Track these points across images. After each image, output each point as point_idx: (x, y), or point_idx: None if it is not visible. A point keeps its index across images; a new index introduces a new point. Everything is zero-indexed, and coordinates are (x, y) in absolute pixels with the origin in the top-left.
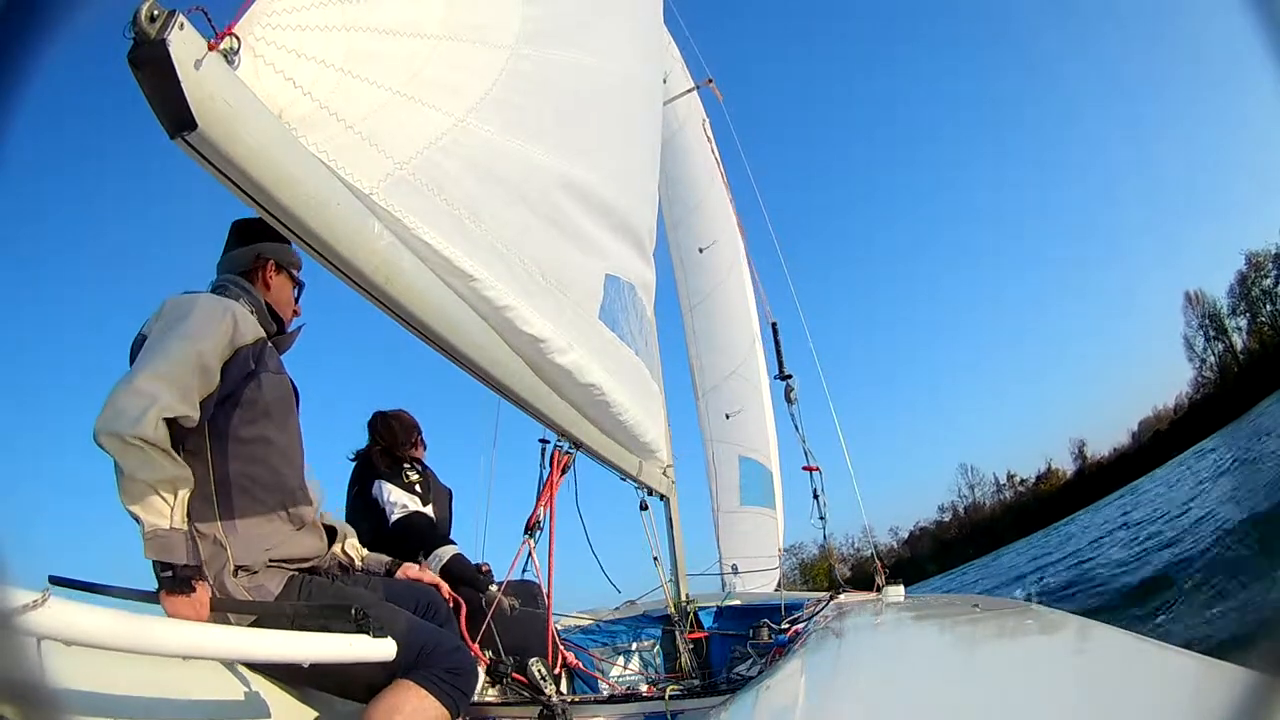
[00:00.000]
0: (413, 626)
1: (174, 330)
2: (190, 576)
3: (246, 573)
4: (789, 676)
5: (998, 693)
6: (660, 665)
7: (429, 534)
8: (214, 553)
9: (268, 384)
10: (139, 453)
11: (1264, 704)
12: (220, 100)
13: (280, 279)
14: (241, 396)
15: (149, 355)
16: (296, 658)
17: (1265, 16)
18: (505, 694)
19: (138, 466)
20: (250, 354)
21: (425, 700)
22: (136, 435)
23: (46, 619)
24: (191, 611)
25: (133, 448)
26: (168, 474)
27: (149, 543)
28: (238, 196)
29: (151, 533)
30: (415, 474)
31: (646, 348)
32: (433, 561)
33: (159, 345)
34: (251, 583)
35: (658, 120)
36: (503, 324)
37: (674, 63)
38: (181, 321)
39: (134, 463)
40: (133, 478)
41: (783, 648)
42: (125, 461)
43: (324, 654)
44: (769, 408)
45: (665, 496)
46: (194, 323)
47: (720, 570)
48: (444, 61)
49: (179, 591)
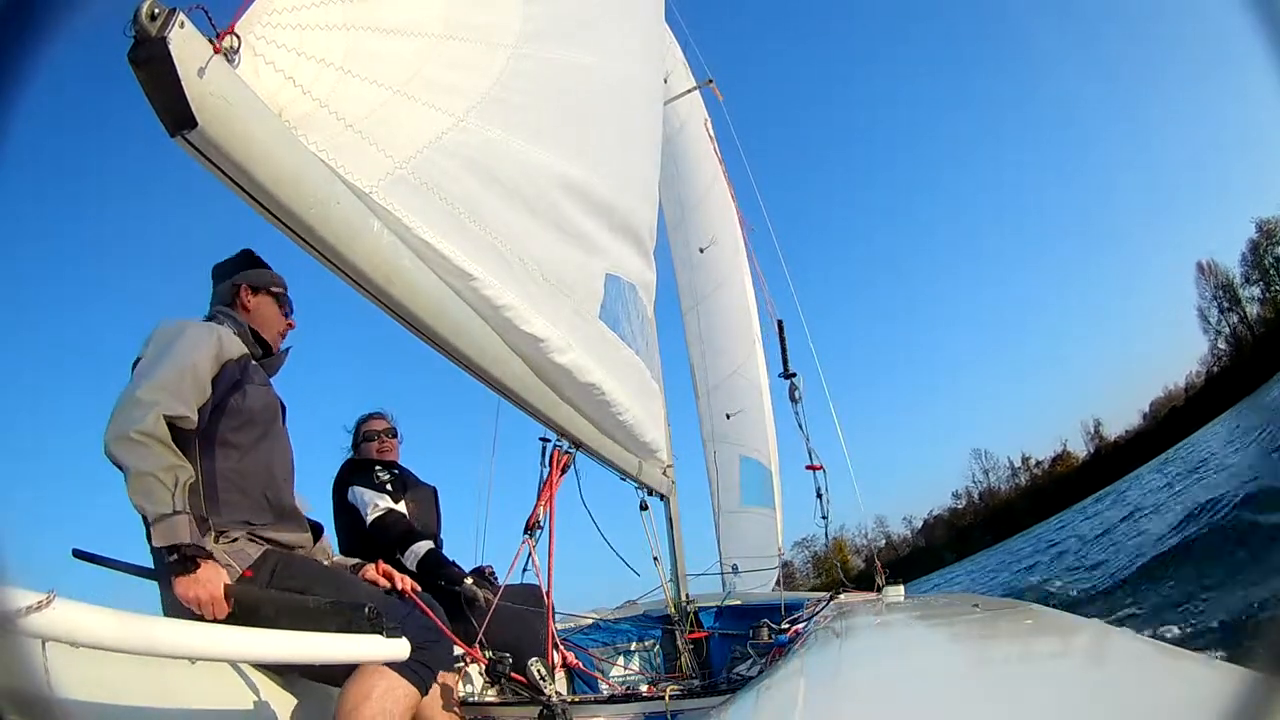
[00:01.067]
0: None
1: (168, 349)
2: (195, 555)
3: (225, 539)
4: (789, 676)
5: (998, 693)
6: (660, 665)
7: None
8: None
9: (252, 394)
10: (142, 447)
11: (1264, 704)
12: (220, 99)
13: (259, 299)
14: (228, 405)
15: (147, 371)
16: (309, 659)
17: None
18: (505, 694)
19: (141, 459)
20: (236, 368)
21: (393, 680)
22: (140, 430)
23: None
24: (202, 591)
25: (137, 443)
26: (168, 462)
27: (155, 529)
28: (238, 195)
29: (156, 518)
30: (386, 474)
31: (647, 347)
32: (408, 558)
33: (156, 361)
34: (231, 548)
35: (658, 120)
36: (502, 323)
37: (675, 63)
38: (174, 341)
39: (138, 457)
40: (137, 471)
41: (783, 648)
42: (130, 458)
43: (337, 655)
44: (769, 407)
45: (665, 496)
46: (185, 341)
47: (720, 570)
48: (444, 61)
49: (186, 571)
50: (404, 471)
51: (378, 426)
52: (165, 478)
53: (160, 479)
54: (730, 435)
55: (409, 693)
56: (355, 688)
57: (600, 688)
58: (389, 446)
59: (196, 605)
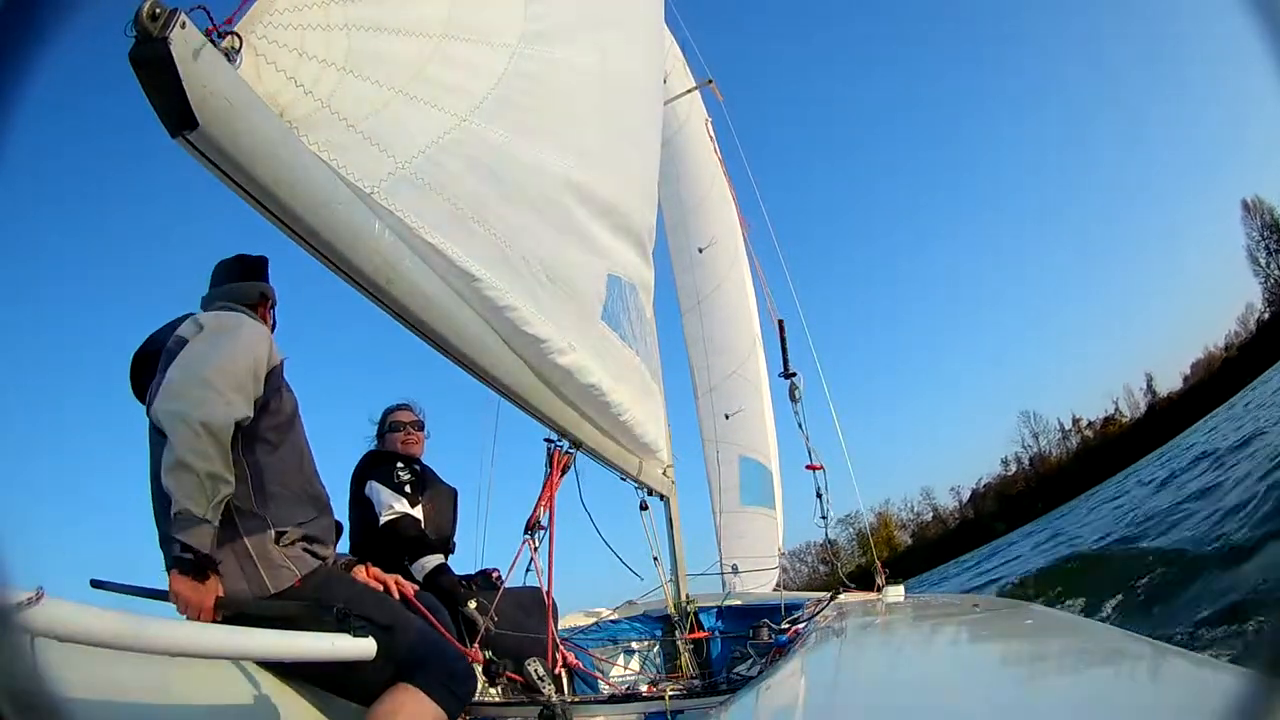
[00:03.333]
0: (423, 630)
1: (230, 338)
2: (208, 567)
3: (286, 541)
4: (789, 676)
5: (997, 692)
6: (660, 665)
7: (414, 540)
8: (254, 524)
9: (286, 399)
10: (202, 441)
11: (1264, 704)
12: (221, 99)
13: (270, 314)
14: (270, 406)
15: (213, 353)
16: (279, 655)
17: (1265, 17)
18: (506, 694)
19: (194, 453)
20: (280, 370)
21: (424, 704)
22: (206, 423)
23: (41, 617)
24: (196, 596)
25: (198, 435)
26: (218, 471)
27: (178, 519)
28: (239, 195)
29: (185, 514)
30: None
31: (647, 348)
32: (416, 569)
33: (220, 348)
34: (290, 553)
35: (659, 120)
36: (504, 324)
37: (674, 63)
38: (235, 332)
39: (191, 448)
40: (184, 462)
41: (783, 648)
42: (186, 443)
43: (306, 653)
44: (769, 407)
45: (665, 496)
46: (247, 336)
47: (720, 570)
48: (447, 61)
49: (191, 575)
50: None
51: (404, 418)
52: (209, 485)
53: (204, 483)
54: (729, 435)
55: (438, 717)
56: (384, 705)
57: (600, 688)
58: (414, 439)
59: (186, 608)
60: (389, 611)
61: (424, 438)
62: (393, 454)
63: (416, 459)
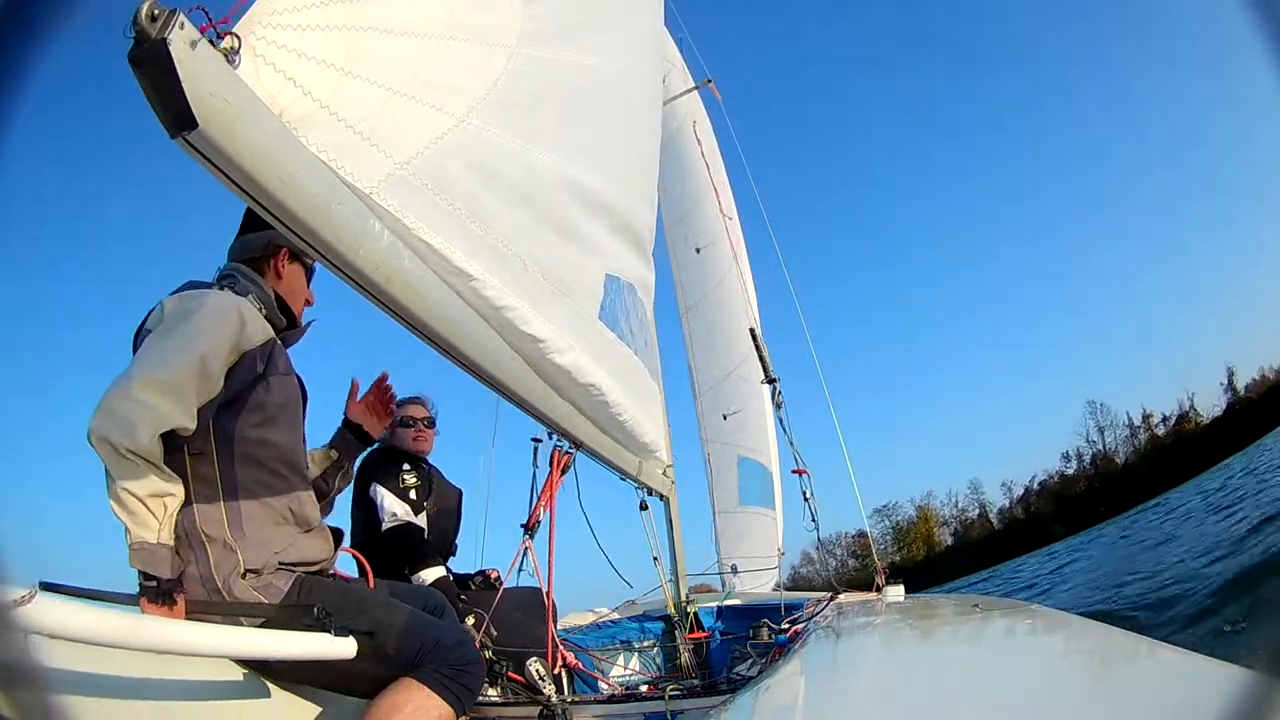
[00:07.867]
0: (415, 623)
1: (177, 330)
2: (172, 589)
3: (255, 575)
4: (789, 676)
5: (997, 693)
6: (660, 665)
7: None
8: (224, 557)
9: (276, 386)
10: (131, 465)
11: (1264, 704)
12: (221, 99)
13: (293, 268)
14: (248, 400)
15: (148, 356)
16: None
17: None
18: (505, 694)
19: (129, 478)
20: (258, 356)
21: (429, 698)
22: (130, 448)
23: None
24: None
25: (125, 460)
26: (158, 488)
27: (135, 553)
28: (238, 196)
29: (139, 545)
30: (413, 477)
31: (646, 348)
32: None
33: (159, 346)
34: (260, 583)
35: (658, 120)
36: (503, 324)
37: (674, 62)
38: (185, 320)
39: (125, 474)
40: (124, 488)
41: (783, 648)
42: (117, 471)
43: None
44: (768, 408)
45: (665, 496)
46: (198, 324)
47: (719, 570)
48: (445, 61)
49: (159, 602)
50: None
51: (416, 414)
52: (154, 505)
53: (147, 504)
54: (728, 435)
55: (444, 713)
56: (387, 700)
57: (600, 688)
58: (425, 436)
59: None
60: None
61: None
62: (401, 453)
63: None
